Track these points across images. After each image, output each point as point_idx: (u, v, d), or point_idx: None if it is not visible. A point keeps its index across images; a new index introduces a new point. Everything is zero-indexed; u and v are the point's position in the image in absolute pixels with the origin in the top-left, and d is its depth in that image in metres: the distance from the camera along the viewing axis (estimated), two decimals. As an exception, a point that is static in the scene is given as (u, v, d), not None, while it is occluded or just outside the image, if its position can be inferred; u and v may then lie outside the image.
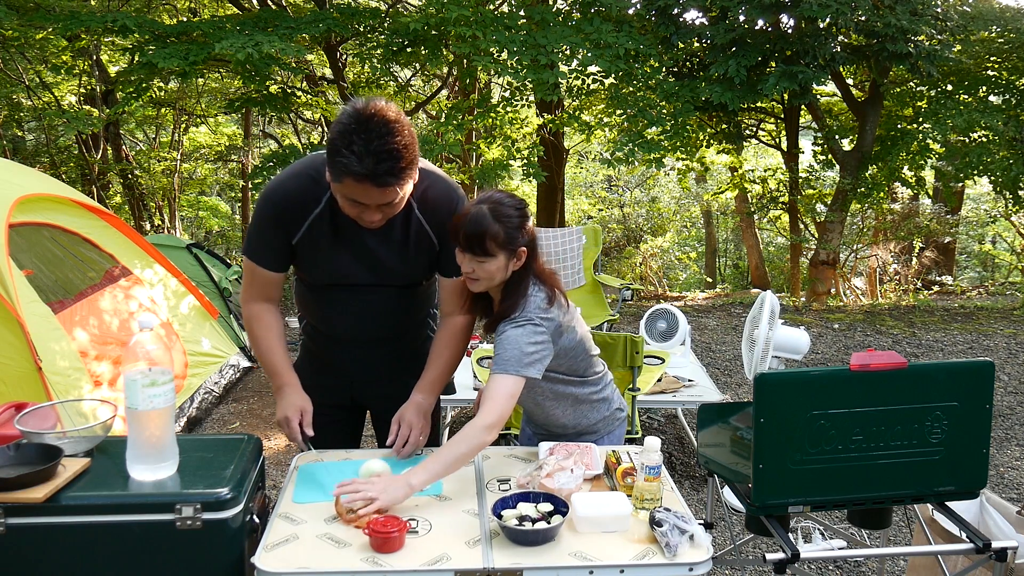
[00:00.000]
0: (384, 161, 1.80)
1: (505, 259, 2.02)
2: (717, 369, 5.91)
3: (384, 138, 1.79)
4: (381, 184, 1.83)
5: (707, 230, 17.10)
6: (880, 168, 9.05)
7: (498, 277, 2.04)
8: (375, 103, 1.82)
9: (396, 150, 1.80)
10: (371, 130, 1.78)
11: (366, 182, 1.82)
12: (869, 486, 1.88)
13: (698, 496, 3.76)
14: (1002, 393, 5.38)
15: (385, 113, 1.80)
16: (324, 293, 2.19)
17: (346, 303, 2.17)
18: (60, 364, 3.57)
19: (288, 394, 2.17)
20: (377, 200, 1.88)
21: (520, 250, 2.03)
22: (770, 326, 3.31)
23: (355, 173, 1.80)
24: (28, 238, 3.96)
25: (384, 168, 1.80)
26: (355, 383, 2.32)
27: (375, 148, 1.78)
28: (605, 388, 2.28)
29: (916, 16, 7.53)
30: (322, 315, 2.24)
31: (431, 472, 1.86)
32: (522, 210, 2.05)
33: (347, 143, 1.79)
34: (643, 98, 7.70)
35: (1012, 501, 2.82)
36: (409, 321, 2.29)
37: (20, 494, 1.65)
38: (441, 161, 8.60)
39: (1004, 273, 14.55)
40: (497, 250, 1.99)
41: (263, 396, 5.31)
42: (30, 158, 12.33)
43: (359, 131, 1.78)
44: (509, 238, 2.00)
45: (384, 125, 1.79)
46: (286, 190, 2.04)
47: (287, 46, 6.60)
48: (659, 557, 1.67)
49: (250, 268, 2.15)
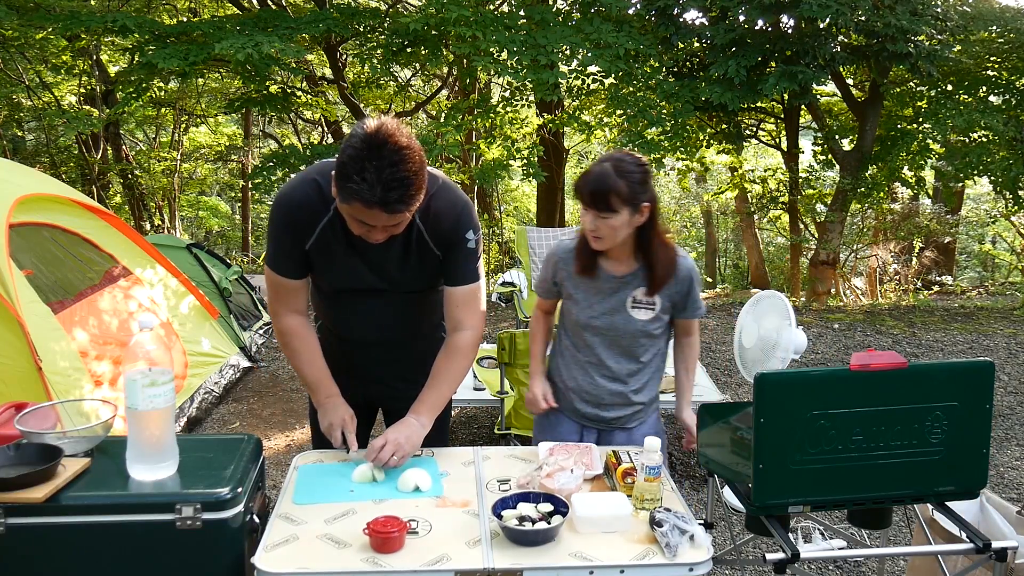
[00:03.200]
0: (395, 189, 1.79)
1: (628, 214, 2.11)
2: (717, 369, 5.91)
3: (396, 166, 1.78)
4: (391, 211, 1.83)
5: (707, 230, 17.11)
6: (880, 168, 9.05)
7: (621, 233, 2.14)
8: (387, 127, 1.80)
9: (406, 177, 1.79)
10: (383, 157, 1.77)
11: (376, 208, 1.81)
12: (869, 486, 1.88)
13: (698, 496, 3.76)
14: (1002, 393, 5.38)
15: (397, 139, 1.79)
16: (337, 298, 2.20)
17: (359, 308, 2.18)
18: (60, 364, 3.57)
19: (337, 405, 2.18)
20: (385, 223, 1.88)
21: (643, 206, 2.12)
22: (788, 324, 3.30)
23: (365, 200, 1.80)
24: (28, 238, 3.96)
25: (395, 196, 1.80)
26: (369, 384, 2.32)
27: (386, 177, 1.77)
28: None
29: (916, 16, 7.53)
30: (336, 318, 2.25)
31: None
32: (644, 167, 2.14)
33: (359, 169, 1.78)
34: (643, 98, 7.69)
35: (1012, 501, 2.82)
36: (423, 324, 2.29)
37: (20, 494, 1.65)
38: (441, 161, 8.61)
39: (1004, 273, 14.55)
40: (621, 206, 2.09)
41: (263, 396, 5.31)
42: (30, 158, 12.33)
43: (371, 158, 1.77)
44: (632, 193, 2.09)
45: (396, 152, 1.78)
46: (294, 198, 2.04)
47: (287, 46, 6.60)
48: (659, 557, 1.67)
49: (274, 280, 2.14)
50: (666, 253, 2.21)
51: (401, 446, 2.04)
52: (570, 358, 2.37)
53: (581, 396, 2.36)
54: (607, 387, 2.31)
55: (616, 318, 2.25)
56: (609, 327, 2.27)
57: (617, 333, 2.27)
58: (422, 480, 1.97)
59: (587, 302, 2.28)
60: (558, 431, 2.41)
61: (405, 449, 2.05)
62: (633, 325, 2.25)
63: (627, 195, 2.08)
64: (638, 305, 2.23)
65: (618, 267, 2.25)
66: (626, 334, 2.26)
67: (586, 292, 2.28)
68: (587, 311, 2.28)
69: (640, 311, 2.23)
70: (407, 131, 1.84)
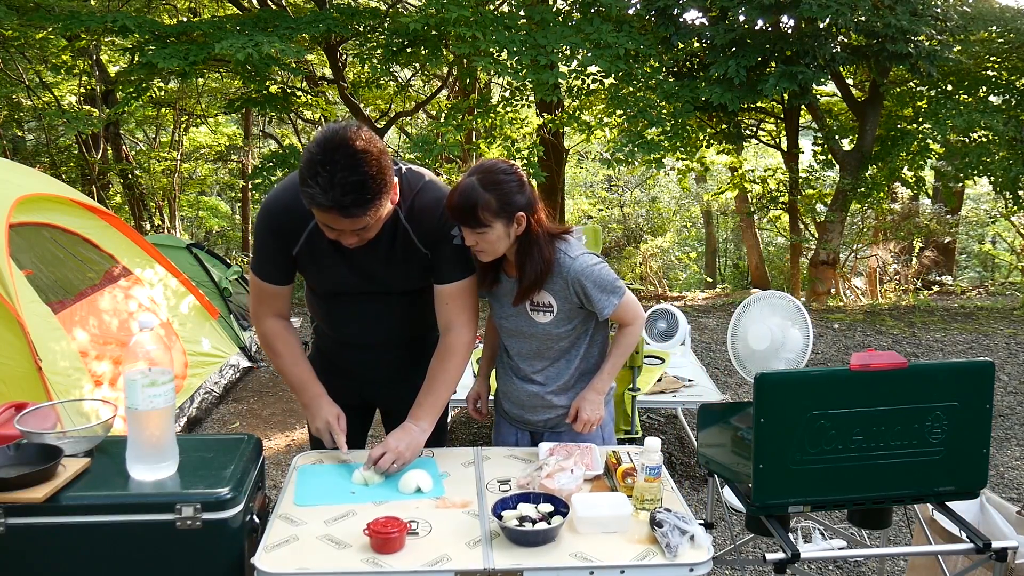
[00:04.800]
0: (349, 193, 1.78)
1: (503, 227, 2.02)
2: (717, 369, 5.91)
3: (349, 170, 1.76)
4: (348, 215, 1.82)
5: (707, 230, 17.10)
6: (880, 168, 9.05)
7: (502, 245, 2.06)
8: (343, 132, 1.79)
9: (361, 182, 1.78)
10: (336, 162, 1.76)
11: (333, 212, 1.81)
12: (869, 486, 1.88)
13: (698, 496, 3.76)
14: (1002, 393, 5.38)
15: (352, 143, 1.77)
16: (330, 300, 2.20)
17: (352, 310, 2.18)
18: (60, 364, 3.57)
19: (323, 404, 2.18)
20: (348, 227, 1.87)
21: (518, 215, 2.03)
22: (791, 325, 3.31)
23: (320, 205, 1.80)
24: (28, 238, 3.96)
25: (350, 200, 1.78)
26: (365, 384, 2.32)
27: (339, 180, 1.76)
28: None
29: (916, 16, 7.53)
30: (330, 321, 2.25)
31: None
32: (512, 174, 2.04)
33: (312, 174, 1.77)
34: (643, 98, 7.69)
35: (1012, 501, 2.81)
36: (418, 325, 2.28)
37: (20, 494, 1.65)
38: (441, 161, 8.61)
39: (1004, 273, 14.54)
40: (492, 219, 2.00)
41: (263, 396, 5.31)
42: (30, 158, 12.32)
43: (324, 162, 1.76)
44: (502, 204, 2.00)
45: (350, 156, 1.76)
46: (281, 202, 2.05)
47: (287, 46, 6.60)
48: (659, 557, 1.67)
49: (257, 285, 2.15)
50: (540, 259, 2.09)
51: (402, 454, 2.04)
52: (500, 360, 2.38)
53: (508, 398, 2.36)
54: (524, 388, 2.28)
55: (520, 320, 2.21)
56: (516, 329, 2.23)
57: (525, 335, 2.23)
58: (423, 481, 1.97)
59: (498, 304, 2.26)
60: (499, 432, 2.43)
61: (406, 457, 2.05)
62: (536, 328, 2.19)
63: (497, 207, 1.98)
64: (537, 308, 2.17)
65: (512, 270, 2.19)
66: (533, 336, 2.21)
67: (496, 295, 2.25)
68: (499, 312, 2.26)
69: (540, 314, 2.17)
70: (368, 135, 1.82)
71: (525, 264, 2.10)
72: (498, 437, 2.43)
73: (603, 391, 2.25)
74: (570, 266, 2.11)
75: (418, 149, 7.38)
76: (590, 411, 2.22)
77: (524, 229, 2.06)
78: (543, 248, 2.09)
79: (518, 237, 2.07)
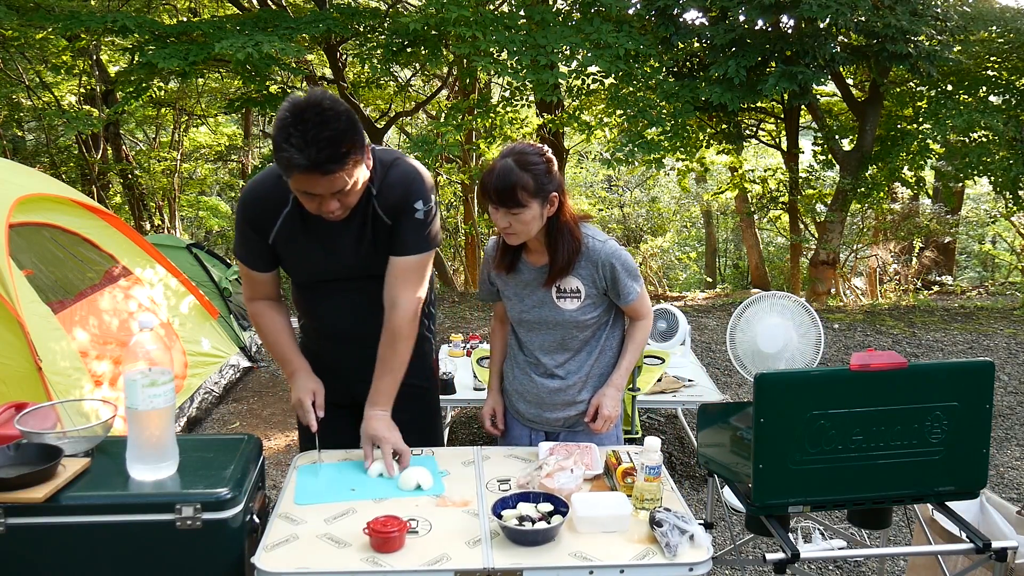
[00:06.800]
0: (324, 149, 1.82)
1: (539, 207, 2.07)
2: (717, 369, 5.91)
3: (320, 127, 1.81)
4: (326, 172, 1.85)
5: (707, 230, 17.10)
6: (880, 168, 9.05)
7: (535, 227, 2.09)
8: (310, 95, 1.85)
9: (333, 136, 1.82)
10: (307, 120, 1.81)
11: (311, 172, 1.84)
12: (869, 486, 1.88)
13: (698, 496, 3.76)
14: (1002, 393, 5.38)
15: (320, 102, 1.83)
16: (310, 291, 2.23)
17: (332, 299, 2.20)
18: (60, 364, 3.57)
19: (300, 378, 2.21)
20: (327, 189, 1.90)
21: (552, 195, 2.09)
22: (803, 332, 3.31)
23: (298, 165, 1.83)
24: (28, 238, 3.96)
25: (325, 156, 1.82)
26: (354, 382, 2.32)
27: (312, 138, 1.80)
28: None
29: (916, 16, 7.53)
30: (313, 313, 2.27)
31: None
32: (545, 155, 2.10)
33: (286, 137, 1.82)
34: (643, 98, 7.69)
35: (1012, 501, 2.81)
36: None
37: (20, 494, 1.65)
38: (441, 161, 8.61)
39: (1004, 273, 14.54)
40: (529, 199, 2.04)
41: (263, 396, 5.31)
42: (30, 158, 12.32)
43: (295, 123, 1.81)
44: (539, 185, 2.05)
45: (319, 115, 1.81)
46: (255, 192, 2.10)
47: (287, 46, 6.61)
48: (659, 557, 1.67)
49: (244, 271, 2.21)
50: (572, 240, 2.13)
51: (387, 439, 2.08)
52: (512, 359, 2.36)
53: (524, 398, 2.33)
54: (546, 385, 2.27)
55: (544, 310, 2.21)
56: (539, 320, 2.23)
57: (548, 326, 2.23)
58: (423, 478, 1.98)
59: (517, 297, 2.26)
60: (510, 435, 2.41)
61: (392, 440, 2.08)
62: (562, 315, 2.20)
63: (534, 188, 2.04)
64: (563, 295, 2.19)
65: (537, 258, 2.21)
66: (557, 326, 2.22)
67: (515, 287, 2.25)
68: (518, 306, 2.26)
69: (566, 300, 2.19)
70: (333, 96, 1.88)
71: (557, 246, 2.14)
72: (510, 441, 2.39)
73: (622, 387, 2.27)
74: (600, 249, 2.16)
75: (418, 149, 7.39)
76: (611, 407, 2.23)
77: (556, 210, 2.11)
78: (574, 230, 2.15)
79: (549, 219, 2.11)
